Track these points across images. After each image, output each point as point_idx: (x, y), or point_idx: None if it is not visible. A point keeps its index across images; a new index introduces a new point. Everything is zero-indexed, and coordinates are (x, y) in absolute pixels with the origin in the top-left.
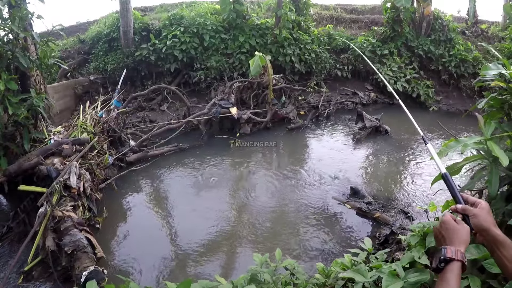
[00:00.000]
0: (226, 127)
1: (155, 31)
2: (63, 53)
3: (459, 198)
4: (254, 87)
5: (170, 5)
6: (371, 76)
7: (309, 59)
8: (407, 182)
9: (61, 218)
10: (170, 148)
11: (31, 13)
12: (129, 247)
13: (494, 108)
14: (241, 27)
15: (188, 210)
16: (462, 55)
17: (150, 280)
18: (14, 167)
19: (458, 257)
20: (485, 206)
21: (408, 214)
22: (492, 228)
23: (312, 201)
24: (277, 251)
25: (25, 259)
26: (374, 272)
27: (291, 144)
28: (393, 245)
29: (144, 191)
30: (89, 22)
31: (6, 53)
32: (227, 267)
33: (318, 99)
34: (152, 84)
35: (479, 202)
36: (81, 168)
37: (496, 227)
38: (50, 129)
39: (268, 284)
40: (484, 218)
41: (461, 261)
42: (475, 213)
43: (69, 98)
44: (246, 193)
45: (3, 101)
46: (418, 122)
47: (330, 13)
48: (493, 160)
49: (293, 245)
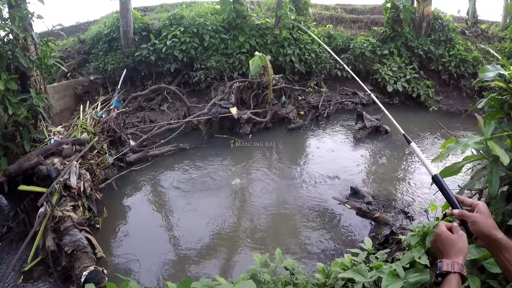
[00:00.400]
0: (226, 127)
1: (155, 31)
2: (63, 53)
3: (454, 201)
4: (254, 87)
5: (170, 5)
6: (371, 76)
7: (309, 59)
8: (407, 182)
9: (61, 218)
10: (170, 148)
11: (31, 13)
12: (129, 247)
13: (494, 108)
14: (241, 27)
15: (188, 210)
16: (462, 55)
17: (150, 280)
18: (14, 167)
19: (455, 269)
20: (483, 209)
21: (408, 214)
22: (494, 233)
23: (312, 201)
24: (277, 251)
25: (25, 259)
26: (374, 272)
27: (291, 144)
28: (393, 245)
29: (144, 191)
30: (89, 22)
31: (6, 53)
32: (227, 267)
33: (318, 99)
34: (152, 84)
35: (476, 204)
36: (81, 168)
37: (497, 231)
38: (50, 129)
39: (268, 284)
40: (484, 224)
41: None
42: (473, 220)
43: (69, 98)
44: (246, 193)
45: (3, 101)
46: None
47: (330, 13)
48: (493, 160)
49: (293, 245)
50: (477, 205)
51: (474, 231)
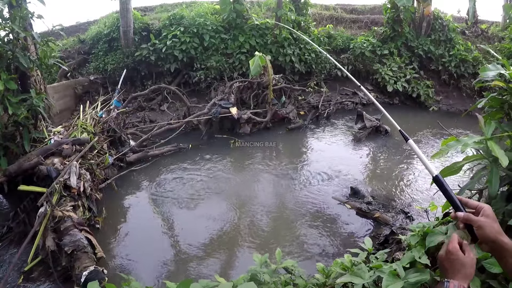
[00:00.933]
0: (226, 127)
1: (155, 31)
2: (63, 53)
3: (458, 203)
4: (254, 87)
5: (170, 5)
6: (371, 76)
7: (309, 59)
8: (407, 182)
9: (61, 218)
10: (170, 148)
11: (31, 13)
12: (129, 247)
13: (494, 108)
14: (241, 27)
15: (188, 210)
16: (462, 55)
17: (150, 280)
18: (14, 167)
19: None
20: (489, 213)
21: (408, 214)
22: (500, 238)
23: (312, 201)
24: (277, 251)
25: (25, 259)
26: (374, 272)
27: (291, 144)
28: (393, 245)
29: (144, 191)
30: (89, 22)
31: (6, 53)
32: (227, 267)
33: (318, 99)
34: (152, 84)
35: (482, 207)
36: (81, 168)
37: (503, 236)
38: (50, 129)
39: (268, 284)
40: (490, 229)
41: None
42: (480, 225)
43: (69, 98)
44: (246, 193)
45: (3, 101)
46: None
47: (330, 13)
48: (493, 160)
49: (293, 245)
50: (482, 208)
51: (480, 236)
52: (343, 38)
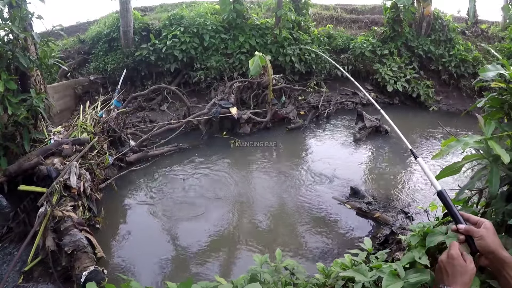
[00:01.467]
0: (226, 127)
1: (155, 31)
2: (63, 53)
3: (459, 217)
4: (254, 87)
5: (170, 5)
6: (371, 76)
7: (309, 59)
8: (407, 182)
9: (61, 218)
10: (170, 148)
11: (31, 13)
12: (129, 247)
13: (494, 108)
14: (241, 27)
15: (188, 210)
16: (462, 55)
17: (150, 280)
18: (14, 167)
19: None
20: (489, 227)
21: (408, 214)
22: (500, 250)
23: (312, 201)
24: (277, 251)
25: (25, 259)
26: (374, 272)
27: (291, 144)
28: (393, 245)
29: (144, 191)
30: (89, 22)
31: (6, 53)
32: (227, 267)
33: (318, 99)
34: (152, 84)
35: (482, 222)
36: (81, 168)
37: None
38: (50, 129)
39: (268, 284)
40: (491, 240)
41: None
42: (481, 235)
43: (69, 98)
44: (246, 193)
45: (3, 101)
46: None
47: (330, 13)
48: (493, 160)
49: (293, 245)
50: (483, 222)
51: (480, 247)
52: (343, 38)
